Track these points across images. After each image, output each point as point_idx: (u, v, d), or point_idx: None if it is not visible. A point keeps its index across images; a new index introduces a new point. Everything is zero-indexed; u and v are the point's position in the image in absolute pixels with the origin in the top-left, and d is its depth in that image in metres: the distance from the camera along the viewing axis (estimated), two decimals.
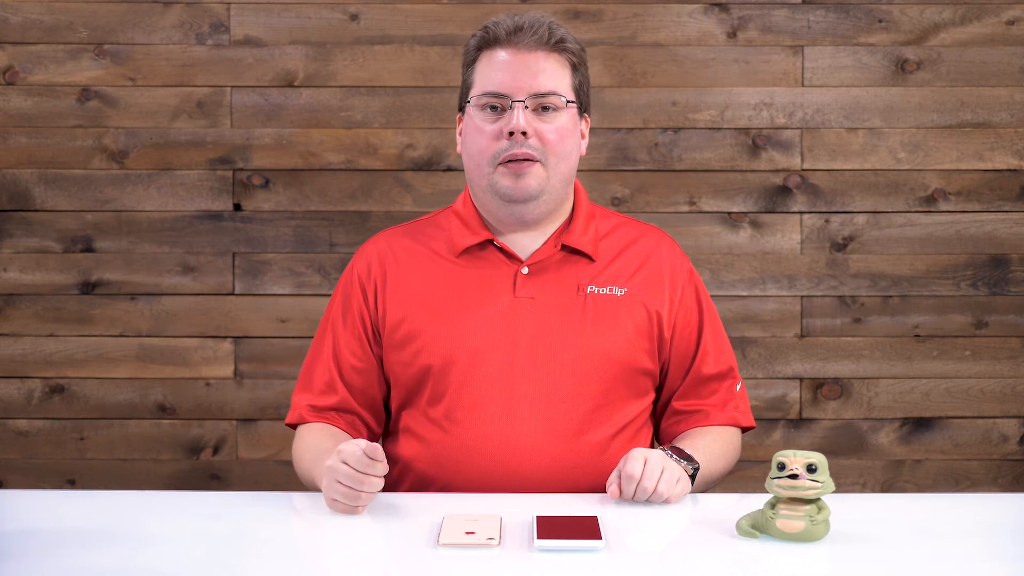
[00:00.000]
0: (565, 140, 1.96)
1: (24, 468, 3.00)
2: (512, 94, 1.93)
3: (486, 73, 1.96)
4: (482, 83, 1.96)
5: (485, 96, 1.95)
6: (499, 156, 1.94)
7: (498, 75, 1.94)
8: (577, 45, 2.00)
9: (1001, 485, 3.01)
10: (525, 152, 1.93)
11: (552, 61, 1.96)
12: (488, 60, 1.96)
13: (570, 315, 1.97)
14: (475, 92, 1.97)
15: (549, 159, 1.95)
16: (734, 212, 3.00)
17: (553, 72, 1.95)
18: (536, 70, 1.94)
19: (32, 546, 1.57)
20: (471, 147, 1.98)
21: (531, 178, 1.94)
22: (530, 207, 1.97)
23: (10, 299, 2.99)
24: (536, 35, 1.95)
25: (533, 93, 1.93)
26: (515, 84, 1.93)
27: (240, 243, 2.99)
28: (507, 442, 1.91)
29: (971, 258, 3.01)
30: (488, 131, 1.95)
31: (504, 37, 1.95)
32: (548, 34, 1.95)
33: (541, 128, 1.94)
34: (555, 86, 1.95)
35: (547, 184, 1.96)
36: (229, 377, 3.00)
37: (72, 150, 2.98)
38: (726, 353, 2.08)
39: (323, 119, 2.98)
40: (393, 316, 2.00)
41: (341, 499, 1.72)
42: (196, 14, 2.97)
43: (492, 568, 1.50)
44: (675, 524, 1.73)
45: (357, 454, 1.70)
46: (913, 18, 2.99)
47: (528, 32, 1.95)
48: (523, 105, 1.93)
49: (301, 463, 1.97)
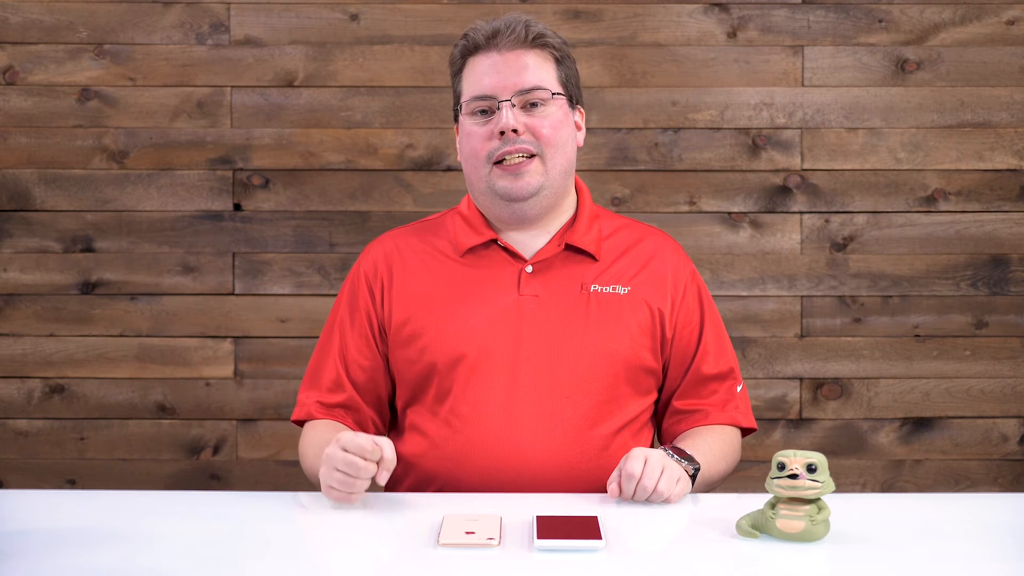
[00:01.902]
0: (559, 131, 1.98)
1: (24, 468, 3.00)
2: (498, 94, 1.95)
3: (471, 79, 1.99)
4: (469, 89, 1.99)
5: (473, 101, 1.98)
6: (493, 155, 1.96)
7: (483, 79, 1.97)
8: (558, 39, 2.02)
9: (1001, 485, 3.01)
10: (520, 148, 1.95)
11: (534, 56, 1.98)
12: (472, 67, 1.99)
13: (574, 313, 1.98)
14: (463, 99, 2.00)
15: (545, 152, 1.97)
16: (734, 212, 3.00)
17: (536, 67, 1.97)
18: (519, 67, 1.96)
19: (32, 546, 1.57)
20: (466, 151, 2.00)
21: (529, 176, 1.96)
22: (530, 204, 1.98)
23: (10, 299, 2.99)
24: (514, 35, 1.97)
25: (518, 90, 1.95)
26: (500, 84, 1.96)
27: (240, 243, 2.99)
28: (510, 438, 1.92)
29: (971, 258, 3.01)
30: (480, 133, 1.97)
31: (484, 42, 1.98)
32: (525, 32, 1.97)
33: (533, 123, 1.96)
34: (539, 80, 1.97)
35: (546, 179, 1.97)
36: (229, 377, 3.00)
37: (72, 150, 2.98)
38: (727, 354, 2.08)
39: (323, 119, 2.98)
40: (399, 314, 2.01)
41: (337, 486, 1.74)
42: (196, 14, 2.97)
43: (492, 568, 1.50)
44: (675, 524, 1.73)
45: (356, 442, 1.72)
46: (913, 18, 2.99)
47: (505, 33, 1.97)
48: (510, 104, 1.95)
49: (307, 458, 1.98)
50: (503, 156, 1.95)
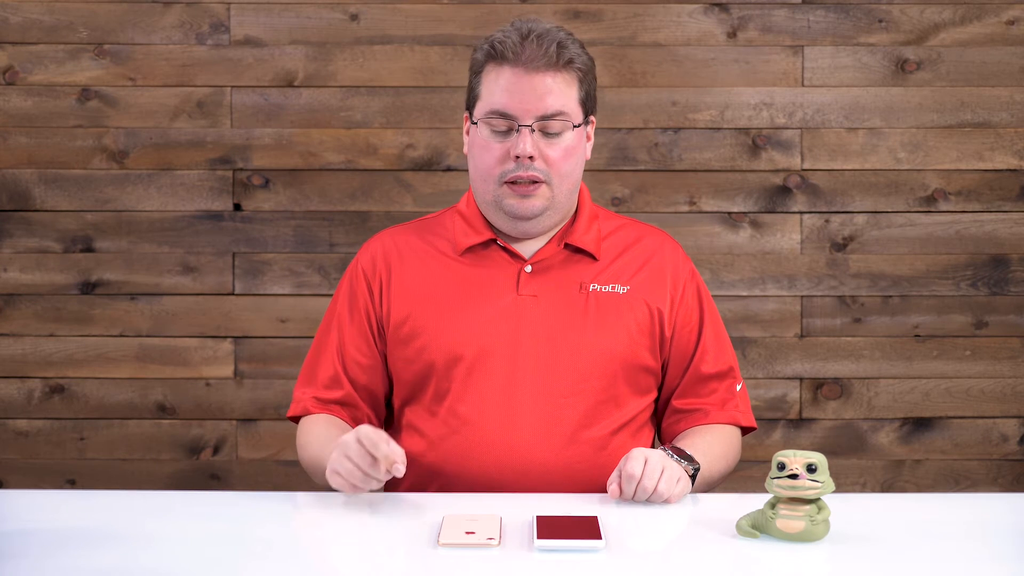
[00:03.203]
0: (570, 159, 1.98)
1: (24, 468, 3.00)
2: (519, 117, 1.93)
3: (493, 90, 1.95)
4: (489, 99, 1.96)
5: (492, 115, 1.95)
6: (505, 176, 1.96)
7: (504, 96, 1.94)
8: (585, 57, 1.98)
9: (1001, 485, 3.01)
10: (531, 175, 1.95)
11: (560, 81, 1.94)
12: (495, 76, 1.95)
13: (572, 313, 1.98)
14: (482, 107, 1.97)
15: (553, 179, 1.97)
16: (734, 212, 3.00)
17: (560, 92, 1.94)
18: (543, 92, 1.93)
19: (32, 546, 1.57)
20: (478, 162, 1.99)
21: (536, 199, 1.96)
22: (534, 223, 2.00)
23: (10, 299, 2.99)
24: (545, 56, 1.92)
25: (539, 116, 1.93)
26: (522, 107, 1.93)
27: (240, 243, 2.99)
28: (509, 438, 1.92)
29: (971, 258, 3.01)
30: (495, 150, 1.96)
31: (512, 56, 1.93)
32: (557, 55, 1.93)
33: (547, 152, 1.95)
34: (562, 106, 1.94)
35: (552, 202, 1.98)
36: (229, 377, 3.00)
37: (72, 150, 2.98)
38: (726, 353, 2.08)
39: (323, 119, 2.98)
40: (397, 313, 2.01)
41: (343, 474, 1.74)
42: (196, 14, 2.97)
43: (492, 568, 1.50)
44: (675, 524, 1.73)
45: (373, 438, 1.72)
46: (913, 18, 2.99)
47: (537, 51, 1.92)
48: (529, 129, 1.93)
49: (308, 450, 1.98)
50: (515, 179, 1.95)
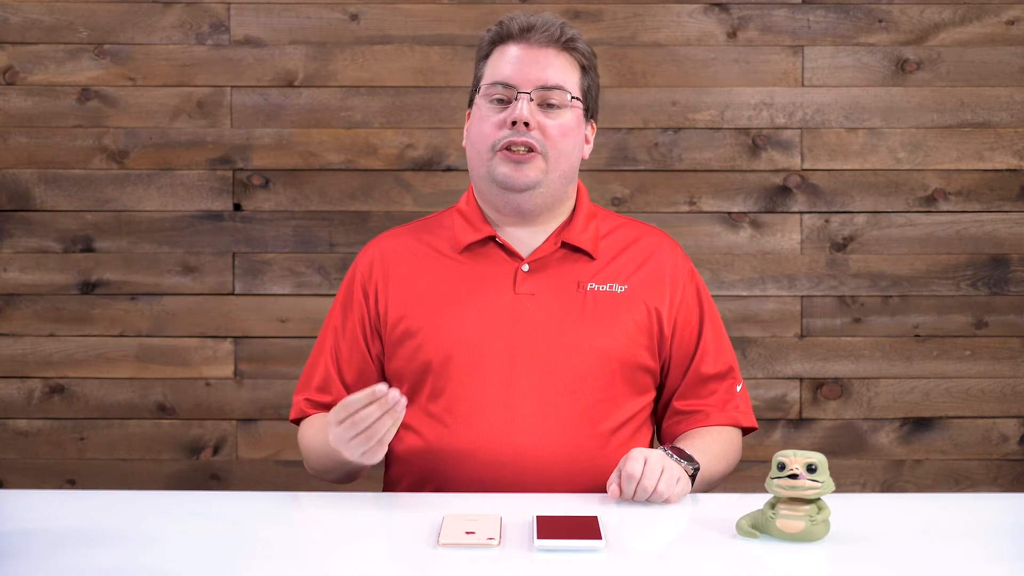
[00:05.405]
0: (567, 137, 1.99)
1: (24, 468, 3.00)
2: (519, 85, 1.97)
3: (497, 65, 2.00)
4: (491, 74, 2.01)
5: (493, 86, 1.99)
6: (499, 143, 1.97)
7: (507, 67, 1.99)
8: (588, 48, 2.05)
9: (1001, 485, 3.01)
10: (526, 140, 1.96)
11: (562, 59, 2.00)
12: (500, 54, 2.01)
13: (570, 311, 1.98)
14: (484, 83, 2.01)
15: (549, 153, 1.97)
16: (734, 212, 3.00)
17: (562, 68, 1.99)
18: (545, 64, 1.98)
19: (32, 546, 1.57)
20: (474, 134, 2.01)
21: (530, 169, 1.97)
22: (526, 196, 1.99)
23: (10, 299, 2.99)
24: (548, 32, 2.00)
25: (540, 86, 1.97)
26: (523, 76, 1.97)
27: (240, 243, 2.99)
28: (506, 437, 1.92)
29: (971, 258, 3.01)
30: (492, 120, 1.98)
31: (517, 33, 2.00)
32: (560, 32, 2.00)
33: (545, 122, 1.97)
34: (562, 80, 1.99)
35: (545, 177, 1.98)
36: (229, 377, 3.00)
37: (72, 150, 2.98)
38: (726, 353, 2.08)
39: (323, 119, 2.98)
40: (394, 313, 2.02)
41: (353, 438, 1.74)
42: (196, 14, 2.97)
43: (492, 568, 1.50)
44: (675, 524, 1.73)
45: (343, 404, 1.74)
46: (913, 18, 2.99)
47: (540, 29, 2.00)
48: (528, 97, 1.96)
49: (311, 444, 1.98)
50: (509, 144, 1.96)
